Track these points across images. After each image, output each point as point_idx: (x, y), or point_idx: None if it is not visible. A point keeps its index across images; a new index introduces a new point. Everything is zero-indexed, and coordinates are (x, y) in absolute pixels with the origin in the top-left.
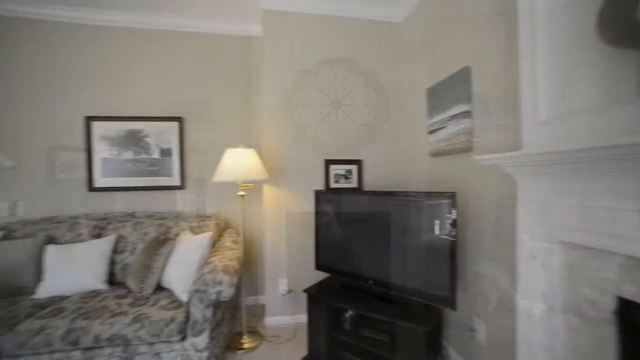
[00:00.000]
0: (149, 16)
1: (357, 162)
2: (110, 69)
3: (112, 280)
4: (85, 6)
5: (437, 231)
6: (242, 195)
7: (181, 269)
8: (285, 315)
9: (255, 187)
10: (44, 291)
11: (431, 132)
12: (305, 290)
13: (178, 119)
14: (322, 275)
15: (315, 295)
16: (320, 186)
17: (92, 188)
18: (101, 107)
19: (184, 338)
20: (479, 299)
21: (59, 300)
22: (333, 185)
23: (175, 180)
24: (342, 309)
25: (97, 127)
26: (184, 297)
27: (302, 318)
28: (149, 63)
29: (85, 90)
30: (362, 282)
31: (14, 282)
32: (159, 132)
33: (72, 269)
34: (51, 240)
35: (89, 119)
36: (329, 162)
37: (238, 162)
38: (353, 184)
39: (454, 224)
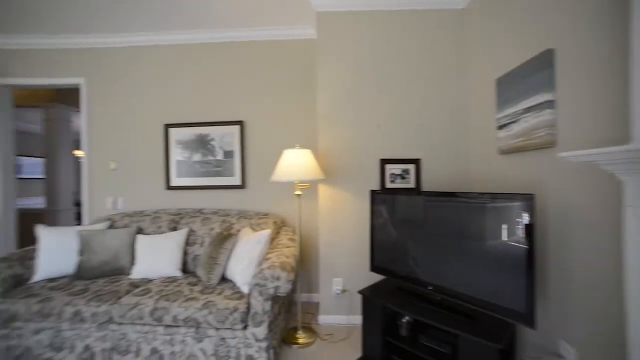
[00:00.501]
0: (212, 32)
1: (415, 162)
2: (184, 81)
3: (185, 268)
4: (156, 30)
5: (508, 237)
6: (298, 195)
7: (242, 263)
8: (339, 314)
9: (311, 186)
10: (136, 273)
11: (501, 127)
12: (360, 292)
13: (239, 123)
14: (377, 277)
15: (370, 298)
16: (376, 186)
17: (169, 187)
18: (177, 115)
19: (245, 327)
20: (568, 321)
21: (147, 282)
22: (389, 185)
23: (237, 180)
24: (399, 313)
25: (173, 133)
26: (245, 289)
27: (357, 319)
28: (214, 73)
29: (165, 101)
30: (421, 287)
31: (116, 264)
32: (223, 136)
33: (156, 257)
34: (140, 231)
35: (167, 126)
36: (384, 162)
37: (295, 163)
38: (410, 184)
39: (530, 230)
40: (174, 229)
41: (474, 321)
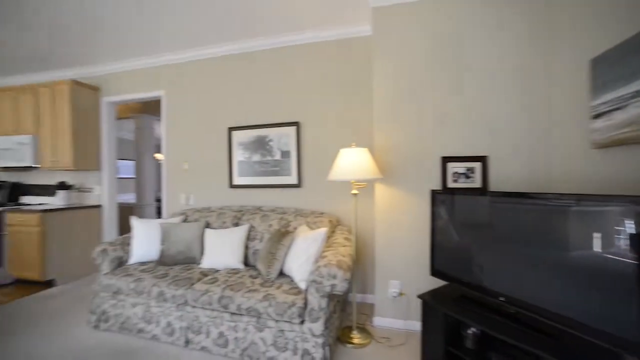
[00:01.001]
0: (266, 39)
1: (481, 159)
2: (245, 86)
3: (246, 261)
4: (218, 42)
5: (606, 248)
6: (355, 194)
7: (300, 259)
8: (395, 318)
9: (368, 185)
10: (205, 263)
11: (597, 115)
12: (420, 297)
13: (295, 124)
14: (437, 282)
15: (431, 304)
16: (436, 185)
17: (231, 185)
18: (239, 118)
19: (302, 322)
20: None
21: (214, 272)
22: (451, 184)
23: (293, 179)
24: (463, 323)
25: (236, 136)
26: (302, 285)
27: (414, 325)
28: (271, 77)
29: (228, 106)
30: (489, 297)
31: (189, 253)
32: (280, 136)
33: (221, 249)
34: (208, 225)
35: (230, 129)
36: (446, 160)
37: (351, 162)
38: (476, 183)
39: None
40: (237, 224)
41: (558, 342)
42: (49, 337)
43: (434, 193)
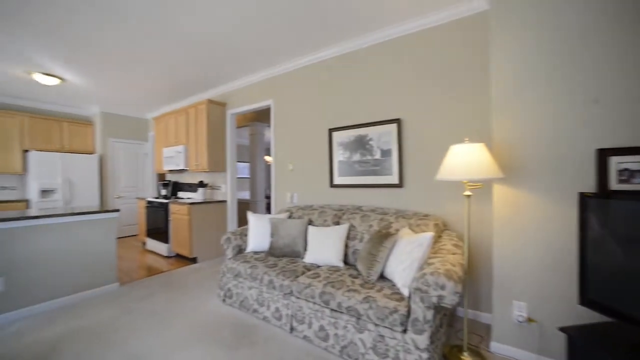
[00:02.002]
0: (361, 38)
1: None
2: (343, 87)
3: (346, 260)
4: (316, 49)
5: None
6: (467, 196)
7: (403, 264)
8: (519, 348)
9: (484, 186)
10: (307, 258)
11: None
12: (564, 331)
13: (396, 121)
14: (588, 314)
15: (586, 346)
16: (588, 187)
17: (332, 185)
18: (339, 119)
19: (404, 331)
20: None
21: (316, 267)
22: (615, 186)
23: (394, 179)
24: None
25: (336, 136)
26: (404, 292)
27: None
28: (369, 75)
29: (328, 108)
30: None
31: (294, 247)
32: (380, 135)
33: (323, 246)
34: (310, 222)
35: (331, 130)
36: (605, 152)
37: (465, 159)
38: None
39: None
40: (337, 223)
41: None
42: (193, 300)
43: (584, 197)
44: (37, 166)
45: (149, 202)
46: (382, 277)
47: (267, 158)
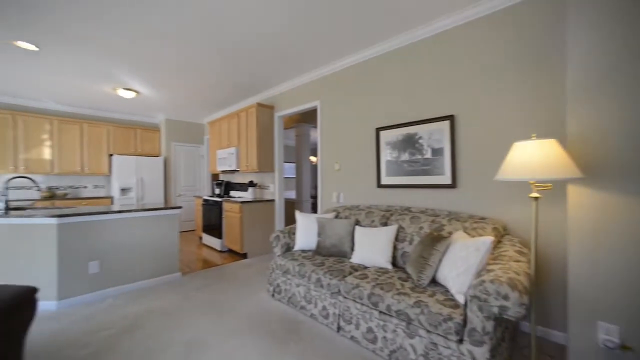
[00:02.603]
0: (410, 33)
1: None
2: (390, 85)
3: (394, 262)
4: (361, 48)
5: None
6: (535, 198)
7: (457, 269)
8: None
9: (552, 187)
10: (354, 258)
11: None
12: None
13: (449, 118)
14: None
15: None
16: None
17: (379, 185)
18: (386, 118)
19: (460, 341)
20: None
21: (363, 268)
22: None
23: (446, 179)
24: None
25: (383, 135)
26: (459, 299)
27: None
28: (418, 71)
29: (375, 107)
30: None
31: (341, 247)
32: (431, 133)
33: (370, 247)
34: (357, 223)
35: (378, 130)
36: None
37: (532, 158)
38: None
39: None
40: (385, 224)
41: None
42: (244, 293)
43: None
44: (118, 168)
45: (205, 200)
46: (433, 281)
47: (312, 158)
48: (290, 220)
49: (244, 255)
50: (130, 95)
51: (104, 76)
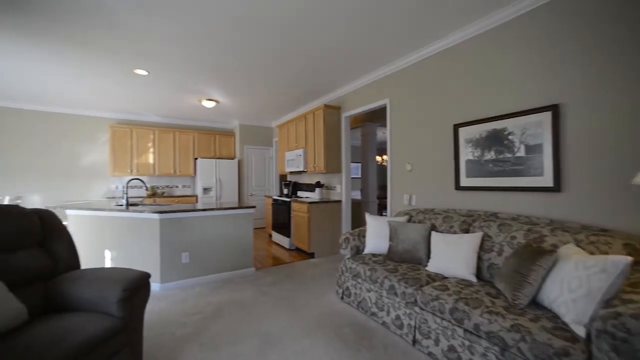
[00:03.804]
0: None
1: None
2: (469, 78)
3: (478, 275)
4: (432, 40)
5: None
6: None
7: (573, 292)
8: None
9: None
10: (431, 266)
11: None
12: None
13: (551, 108)
14: None
15: None
16: None
17: (458, 187)
18: (465, 113)
19: None
20: None
21: (442, 278)
22: None
23: (547, 181)
24: None
25: (462, 133)
26: (577, 330)
27: None
28: (503, 57)
29: (452, 102)
30: None
31: (416, 253)
32: (525, 127)
33: (450, 256)
34: (433, 228)
35: (456, 127)
36: None
37: None
38: None
39: None
40: (466, 230)
41: None
42: (313, 293)
43: None
44: (201, 170)
45: (274, 199)
46: (535, 303)
47: (379, 158)
48: (356, 220)
49: (311, 255)
50: (211, 104)
51: (193, 90)
